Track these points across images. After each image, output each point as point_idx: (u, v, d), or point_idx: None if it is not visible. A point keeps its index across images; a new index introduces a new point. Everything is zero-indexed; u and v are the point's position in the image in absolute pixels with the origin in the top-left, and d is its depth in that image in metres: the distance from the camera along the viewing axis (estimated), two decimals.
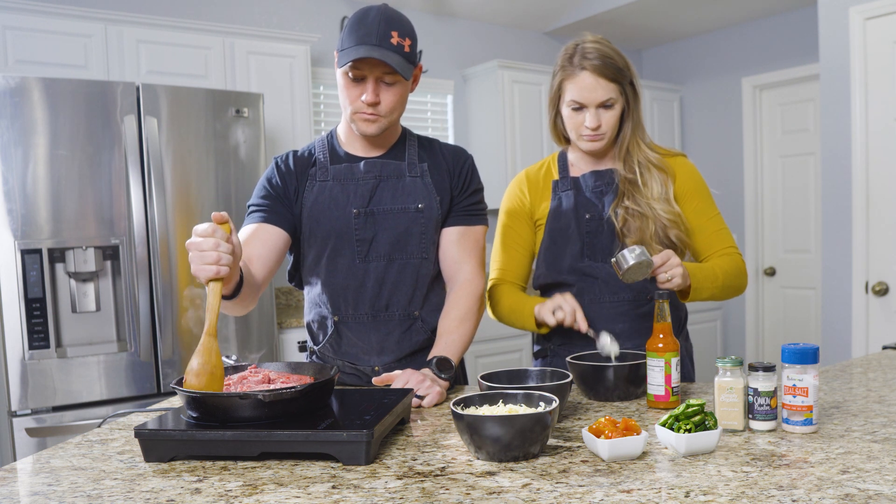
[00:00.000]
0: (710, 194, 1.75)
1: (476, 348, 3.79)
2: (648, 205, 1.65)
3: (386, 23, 1.47)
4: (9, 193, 2.54)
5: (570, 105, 1.64)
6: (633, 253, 1.46)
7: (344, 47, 1.49)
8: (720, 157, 5.03)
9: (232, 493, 0.96)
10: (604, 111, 1.63)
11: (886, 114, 3.11)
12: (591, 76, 1.60)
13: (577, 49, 1.63)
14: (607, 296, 1.69)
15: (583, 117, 1.63)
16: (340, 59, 1.50)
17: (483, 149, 4.41)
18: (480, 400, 1.15)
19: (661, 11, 4.55)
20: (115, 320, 2.76)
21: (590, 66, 1.59)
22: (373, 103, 1.50)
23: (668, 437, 1.06)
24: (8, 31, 2.93)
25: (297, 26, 4.00)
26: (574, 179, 1.73)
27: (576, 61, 1.61)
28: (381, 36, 1.45)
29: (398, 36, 1.47)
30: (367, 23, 1.46)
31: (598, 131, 1.63)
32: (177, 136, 2.84)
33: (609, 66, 1.60)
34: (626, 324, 1.69)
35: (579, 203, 1.70)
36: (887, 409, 1.29)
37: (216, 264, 1.19)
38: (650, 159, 1.68)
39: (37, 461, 1.13)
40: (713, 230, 1.71)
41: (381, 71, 1.48)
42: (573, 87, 1.62)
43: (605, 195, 1.70)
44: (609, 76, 1.60)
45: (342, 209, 1.58)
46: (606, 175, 1.71)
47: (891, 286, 3.15)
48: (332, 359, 1.66)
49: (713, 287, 1.61)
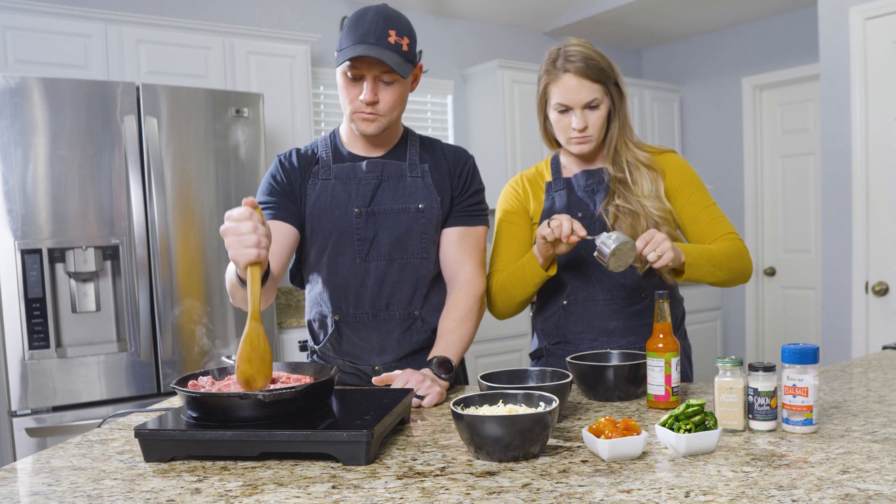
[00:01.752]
0: (704, 186, 1.75)
1: (476, 348, 3.79)
2: (639, 202, 1.65)
3: (384, 22, 1.47)
4: (9, 193, 2.54)
5: (556, 108, 1.66)
6: (610, 238, 1.44)
7: (342, 47, 1.49)
8: (720, 157, 5.03)
9: (232, 493, 0.96)
10: (590, 112, 1.64)
11: (886, 114, 3.11)
12: (575, 78, 1.61)
13: (559, 53, 1.64)
14: (601, 294, 1.69)
15: (569, 119, 1.65)
16: (338, 58, 1.50)
17: (483, 149, 4.41)
18: (480, 400, 1.15)
19: (661, 11, 4.55)
20: (115, 320, 2.76)
21: (573, 68, 1.61)
22: (371, 102, 1.50)
23: (668, 437, 1.06)
24: (8, 31, 2.93)
25: (297, 26, 4.00)
26: (566, 180, 1.75)
27: (559, 65, 1.63)
28: (378, 35, 1.45)
29: (396, 35, 1.47)
30: (366, 22, 1.47)
31: (585, 133, 1.64)
32: (177, 136, 2.84)
33: (592, 68, 1.61)
34: (621, 321, 1.69)
35: (571, 202, 1.72)
36: (887, 409, 1.29)
37: (257, 247, 1.17)
38: (639, 158, 1.69)
39: (37, 461, 1.13)
40: (710, 219, 1.69)
41: (379, 70, 1.48)
42: (557, 90, 1.63)
43: (597, 193, 1.71)
44: (592, 77, 1.61)
45: (344, 208, 1.58)
46: (597, 174, 1.72)
47: (891, 286, 3.15)
48: (332, 358, 1.66)
49: (710, 264, 1.57)
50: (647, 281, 1.70)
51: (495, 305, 1.75)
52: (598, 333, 1.69)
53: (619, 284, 1.69)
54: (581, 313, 1.71)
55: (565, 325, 1.73)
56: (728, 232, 1.69)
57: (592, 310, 1.69)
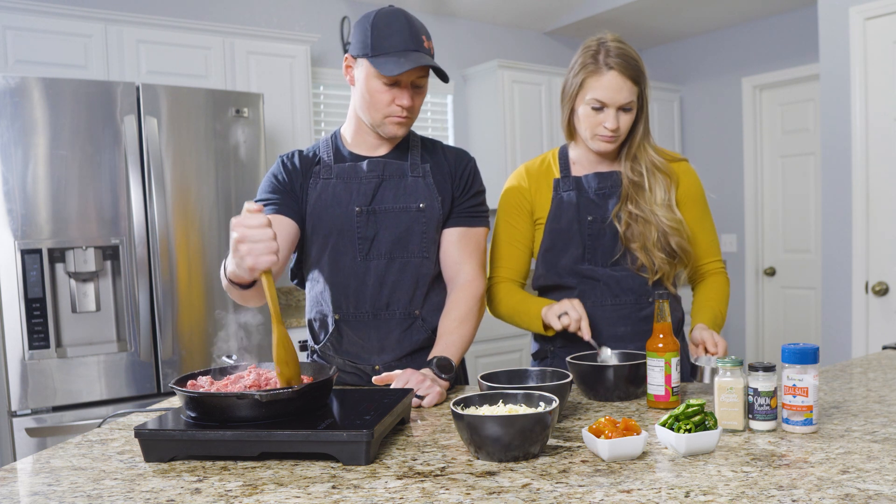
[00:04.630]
0: (707, 203, 1.77)
1: (476, 348, 3.79)
2: (651, 210, 1.64)
3: (415, 28, 1.51)
4: (9, 193, 2.54)
5: (590, 103, 1.60)
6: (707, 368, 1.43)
7: (378, 53, 1.48)
8: (720, 157, 5.03)
9: (232, 493, 0.96)
10: (623, 114, 1.61)
11: (886, 114, 3.11)
12: (619, 77, 1.57)
13: (601, 46, 1.59)
14: (609, 299, 1.69)
15: (602, 117, 1.60)
16: (384, 67, 1.47)
17: (483, 149, 4.41)
18: (480, 400, 1.15)
19: (661, 11, 4.55)
20: (115, 320, 2.76)
21: (617, 65, 1.57)
22: (410, 107, 1.53)
23: (668, 437, 1.06)
24: (8, 31, 2.93)
25: (297, 26, 4.00)
26: (577, 179, 1.71)
27: (601, 59, 1.58)
28: (417, 42, 1.50)
29: (427, 40, 1.53)
30: (398, 29, 1.49)
31: (615, 133, 1.62)
32: (177, 136, 2.84)
33: (633, 68, 1.58)
34: (628, 327, 1.68)
35: (582, 204, 1.69)
36: (887, 409, 1.29)
37: (276, 254, 1.19)
38: (656, 163, 1.67)
39: (37, 461, 1.13)
40: (707, 242, 1.76)
41: (416, 75, 1.51)
42: (597, 86, 1.58)
43: (610, 198, 1.68)
44: (633, 78, 1.58)
45: (344, 207, 1.58)
46: (610, 177, 1.69)
47: (891, 286, 3.15)
48: (332, 357, 1.66)
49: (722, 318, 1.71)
50: (654, 288, 1.69)
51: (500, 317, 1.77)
52: (605, 339, 1.68)
53: (627, 290, 1.68)
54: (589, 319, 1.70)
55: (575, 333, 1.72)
56: (716, 260, 1.78)
57: (600, 315, 1.68)
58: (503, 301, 1.73)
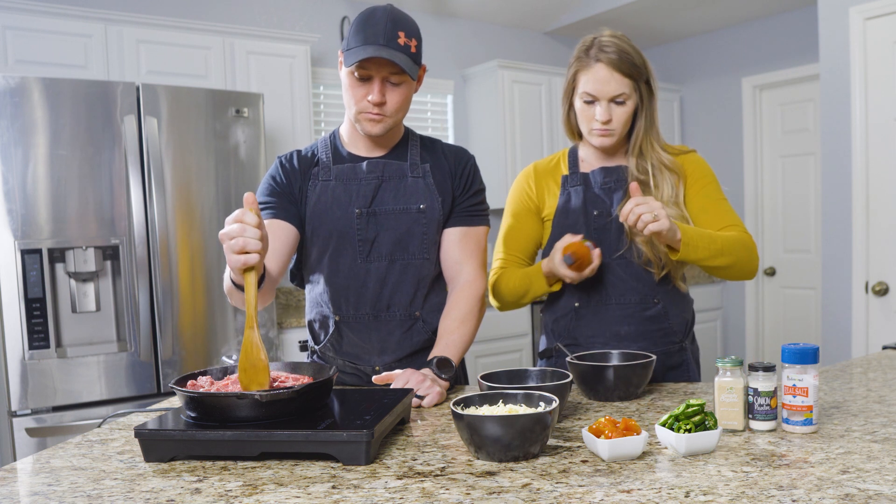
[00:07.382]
0: (719, 184, 1.72)
1: (476, 348, 3.79)
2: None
3: (393, 23, 1.47)
4: (9, 193, 2.54)
5: (582, 97, 1.62)
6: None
7: (350, 47, 1.48)
8: (720, 157, 5.03)
9: (232, 493, 0.96)
10: (616, 106, 1.61)
11: (886, 114, 3.11)
12: (606, 69, 1.58)
13: (594, 42, 1.61)
14: (613, 298, 1.68)
15: (594, 110, 1.62)
16: (347, 59, 1.49)
17: (483, 149, 4.41)
18: (480, 400, 1.15)
19: (661, 11, 4.55)
20: (115, 320, 2.77)
21: (605, 58, 1.58)
22: (379, 103, 1.50)
23: (668, 437, 1.06)
24: (8, 31, 2.93)
25: (297, 26, 4.00)
26: (584, 175, 1.72)
27: (592, 53, 1.60)
28: (388, 36, 1.46)
29: (405, 36, 1.48)
30: (374, 22, 1.46)
31: (608, 126, 1.62)
32: (177, 136, 2.84)
33: (625, 61, 1.58)
34: (633, 326, 1.68)
35: (588, 199, 1.69)
36: (887, 409, 1.28)
37: (243, 252, 1.16)
38: (663, 161, 1.66)
39: (37, 461, 1.13)
40: (719, 211, 1.66)
41: (387, 71, 1.48)
42: (586, 79, 1.60)
43: (615, 192, 1.68)
44: (624, 71, 1.58)
45: (344, 209, 1.58)
46: (616, 172, 1.69)
47: (891, 286, 3.15)
48: (332, 358, 1.66)
49: (710, 247, 1.53)
50: (660, 287, 1.69)
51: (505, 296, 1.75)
52: (609, 337, 1.68)
53: (632, 289, 1.68)
54: (592, 317, 1.70)
55: (577, 328, 1.72)
56: (736, 224, 1.66)
57: (604, 314, 1.68)
58: (507, 282, 1.72)
